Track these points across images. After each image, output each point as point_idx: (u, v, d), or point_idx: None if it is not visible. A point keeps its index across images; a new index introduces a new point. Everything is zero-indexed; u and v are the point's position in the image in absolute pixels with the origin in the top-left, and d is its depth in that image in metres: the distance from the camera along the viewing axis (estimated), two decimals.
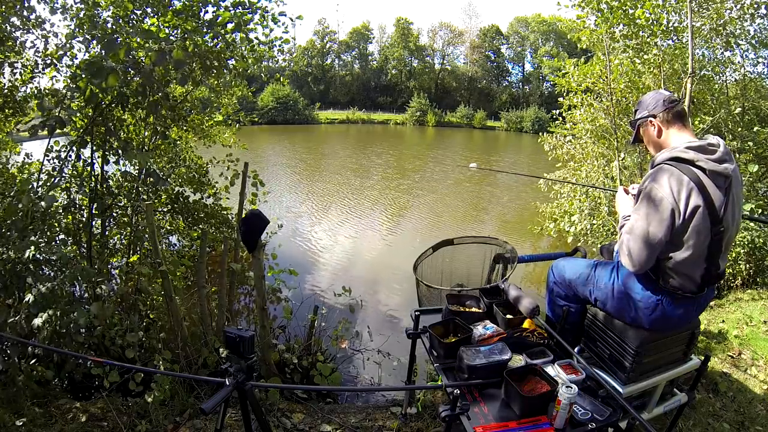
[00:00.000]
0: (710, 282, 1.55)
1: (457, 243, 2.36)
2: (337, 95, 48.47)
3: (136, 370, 2.51)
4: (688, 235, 1.43)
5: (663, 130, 1.58)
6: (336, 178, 13.60)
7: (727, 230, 1.48)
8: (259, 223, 2.32)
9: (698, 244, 1.44)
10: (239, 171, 3.94)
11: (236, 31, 2.89)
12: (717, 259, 1.51)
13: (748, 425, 2.41)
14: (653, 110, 1.59)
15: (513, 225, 9.06)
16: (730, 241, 1.55)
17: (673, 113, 1.56)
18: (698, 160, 1.43)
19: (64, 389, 2.68)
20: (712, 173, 1.42)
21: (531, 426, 1.44)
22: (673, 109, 1.56)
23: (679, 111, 1.57)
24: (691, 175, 1.41)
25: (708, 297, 1.66)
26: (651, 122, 1.60)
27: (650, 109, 1.60)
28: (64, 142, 3.05)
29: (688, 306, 1.60)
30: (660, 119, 1.58)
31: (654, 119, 1.59)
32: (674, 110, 1.56)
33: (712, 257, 1.49)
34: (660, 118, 1.57)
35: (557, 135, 6.19)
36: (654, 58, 4.42)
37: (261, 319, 2.68)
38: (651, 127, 1.61)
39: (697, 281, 1.53)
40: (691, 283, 1.53)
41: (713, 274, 1.52)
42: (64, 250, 2.30)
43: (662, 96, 1.59)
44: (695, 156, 1.43)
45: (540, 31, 46.02)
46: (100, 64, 2.25)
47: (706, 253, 1.48)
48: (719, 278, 1.58)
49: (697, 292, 1.56)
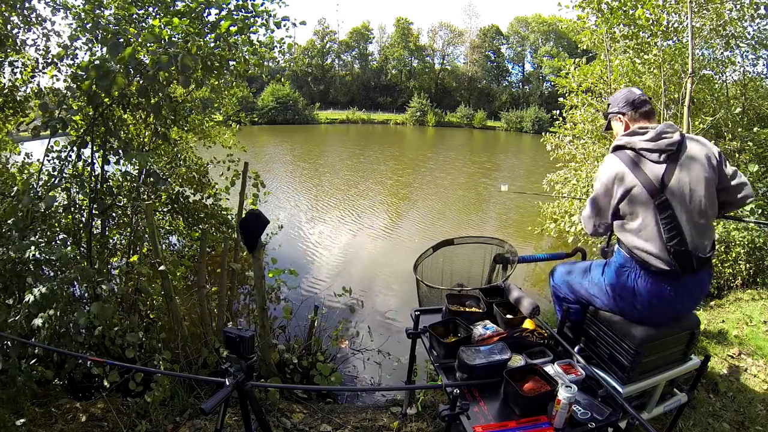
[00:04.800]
0: (686, 260, 1.54)
1: (457, 243, 2.36)
2: (337, 95, 48.49)
3: (136, 370, 2.51)
4: (628, 207, 1.60)
5: (629, 126, 1.73)
6: (336, 178, 13.61)
7: (678, 198, 1.54)
8: (259, 223, 2.32)
9: (642, 214, 1.57)
10: (239, 171, 3.95)
11: (238, 34, 2.89)
12: (682, 232, 1.53)
13: (748, 425, 2.41)
14: (622, 108, 1.75)
15: (513, 225, 9.06)
16: (696, 215, 1.55)
17: (639, 113, 1.72)
18: (629, 143, 1.63)
19: (64, 389, 2.68)
20: (643, 150, 1.59)
21: (531, 426, 1.44)
22: (639, 110, 1.72)
23: (645, 111, 1.72)
24: (623, 157, 1.62)
25: (699, 283, 1.64)
26: (620, 118, 1.77)
27: (620, 106, 1.76)
28: (65, 142, 3.05)
29: (671, 285, 1.59)
30: (628, 117, 1.74)
31: (622, 116, 1.75)
32: (640, 111, 1.72)
33: (669, 229, 1.53)
34: (628, 116, 1.73)
35: (559, 135, 6.19)
36: (654, 59, 4.43)
37: (261, 319, 2.68)
38: (619, 122, 1.78)
39: (664, 255, 1.55)
40: (659, 258, 1.56)
41: (684, 251, 1.53)
42: (64, 250, 2.29)
43: (633, 96, 1.73)
44: (627, 140, 1.64)
45: (540, 31, 46.01)
46: (107, 66, 2.25)
47: (660, 224, 1.54)
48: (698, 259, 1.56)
49: (677, 272, 1.55)
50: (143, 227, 3.43)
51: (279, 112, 36.89)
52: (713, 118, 4.72)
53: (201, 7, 2.76)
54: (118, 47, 2.29)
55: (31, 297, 2.14)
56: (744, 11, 4.41)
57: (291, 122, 36.63)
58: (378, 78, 50.06)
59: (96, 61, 2.35)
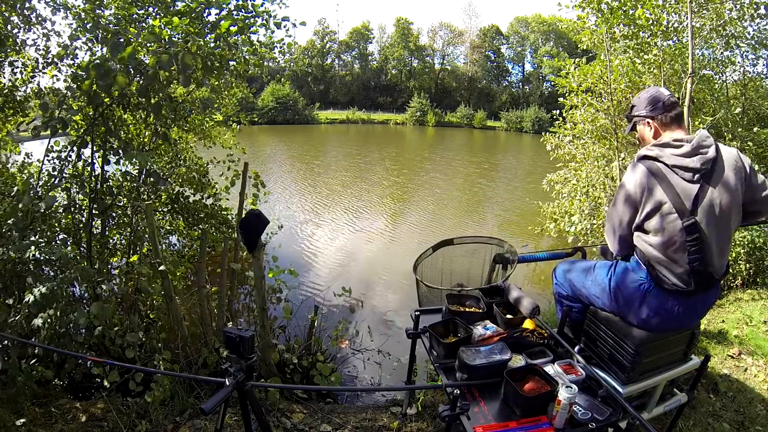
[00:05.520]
0: (703, 280, 1.50)
1: (457, 243, 2.36)
2: (337, 95, 48.48)
3: (136, 370, 2.51)
4: (655, 224, 1.49)
5: (659, 132, 1.60)
6: (336, 178, 13.61)
7: (706, 222, 1.45)
8: (259, 223, 2.32)
9: (669, 233, 1.48)
10: (239, 171, 3.94)
11: (238, 34, 2.89)
12: (706, 253, 1.47)
13: (748, 425, 2.41)
14: (652, 112, 1.60)
15: (513, 225, 9.06)
16: (722, 236, 1.49)
17: (670, 117, 1.58)
18: (661, 156, 1.50)
19: (64, 389, 2.68)
20: (675, 166, 1.48)
21: (531, 426, 1.44)
22: (670, 113, 1.57)
23: (676, 114, 1.58)
24: (653, 168, 1.49)
25: (707, 300, 1.63)
26: (648, 123, 1.62)
27: (649, 110, 1.60)
28: (65, 142, 3.05)
29: (680, 303, 1.56)
30: (658, 122, 1.59)
31: (652, 121, 1.61)
32: (671, 114, 1.57)
33: (695, 250, 1.46)
34: (659, 120, 1.59)
35: (559, 135, 6.19)
36: (654, 59, 4.42)
37: (261, 319, 2.68)
38: (647, 127, 1.63)
39: (684, 275, 1.50)
40: (679, 276, 1.51)
41: (704, 271, 1.49)
42: (64, 250, 2.29)
43: (662, 97, 1.59)
44: (659, 152, 1.51)
45: (540, 31, 46.00)
46: (107, 66, 2.25)
47: (686, 245, 1.46)
48: (713, 277, 1.52)
49: (691, 291, 1.52)
50: (143, 227, 3.43)
51: (279, 112, 36.89)
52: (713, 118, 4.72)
53: (201, 7, 2.76)
54: (118, 47, 2.29)
55: (31, 297, 2.14)
56: (744, 11, 4.41)
57: (291, 122, 36.63)
58: (378, 78, 50.05)
59: (97, 60, 2.35)
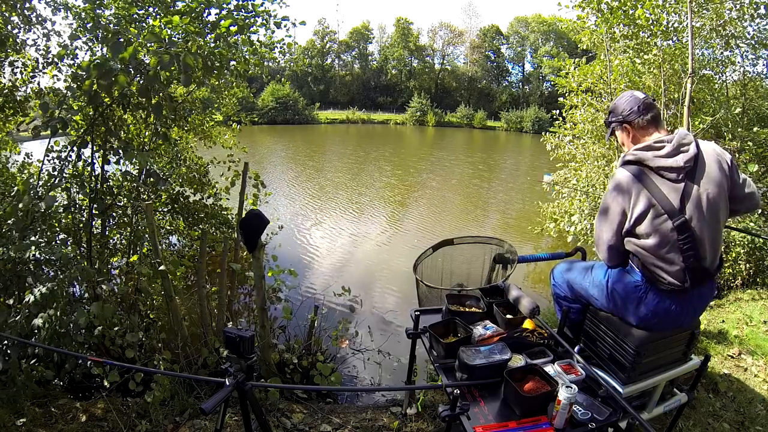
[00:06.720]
0: (698, 276, 1.51)
1: (457, 243, 2.36)
2: (337, 95, 48.51)
3: (136, 370, 2.51)
4: (646, 227, 1.49)
5: (637, 136, 1.59)
6: (336, 178, 13.61)
7: (696, 218, 1.46)
8: (259, 223, 2.32)
9: (660, 235, 1.48)
10: (239, 171, 3.95)
11: (238, 33, 2.89)
12: (699, 250, 1.47)
13: (748, 425, 2.41)
14: (627, 116, 1.59)
15: (513, 225, 9.06)
16: (713, 230, 1.49)
17: (646, 120, 1.56)
18: (644, 159, 1.50)
19: (64, 389, 2.68)
20: (659, 168, 1.47)
21: (531, 426, 1.44)
22: (645, 116, 1.56)
23: (652, 117, 1.56)
24: (637, 173, 1.49)
25: (704, 296, 1.64)
26: (626, 128, 1.61)
27: (624, 115, 1.59)
28: (65, 142, 3.05)
29: (677, 302, 1.57)
30: (635, 126, 1.58)
31: (628, 126, 1.60)
32: (646, 117, 1.56)
33: (688, 248, 1.46)
34: (635, 125, 1.58)
35: (559, 135, 6.19)
36: (654, 58, 4.42)
37: (261, 319, 2.68)
38: (625, 132, 1.63)
39: (679, 273, 1.51)
40: (674, 275, 1.52)
41: (699, 267, 1.49)
42: (64, 250, 2.30)
43: (637, 102, 1.57)
44: (641, 155, 1.50)
45: (540, 31, 46.04)
46: (108, 65, 2.25)
47: (678, 243, 1.47)
48: (708, 273, 1.53)
49: (687, 288, 1.53)
50: (143, 227, 3.43)
51: (279, 112, 36.88)
52: (713, 118, 4.71)
53: (201, 7, 2.77)
54: (119, 46, 2.29)
55: (31, 297, 2.14)
56: (744, 11, 4.41)
57: (291, 122, 36.63)
58: (378, 78, 50.08)
59: (98, 60, 2.35)
